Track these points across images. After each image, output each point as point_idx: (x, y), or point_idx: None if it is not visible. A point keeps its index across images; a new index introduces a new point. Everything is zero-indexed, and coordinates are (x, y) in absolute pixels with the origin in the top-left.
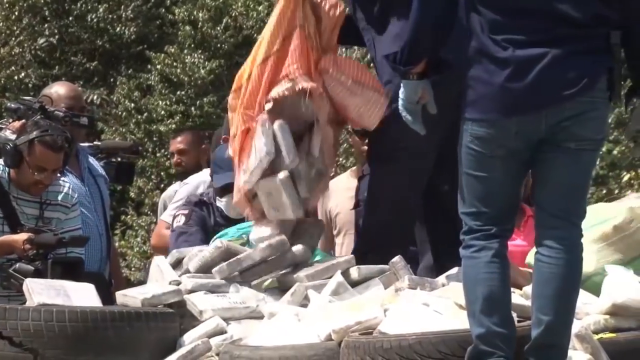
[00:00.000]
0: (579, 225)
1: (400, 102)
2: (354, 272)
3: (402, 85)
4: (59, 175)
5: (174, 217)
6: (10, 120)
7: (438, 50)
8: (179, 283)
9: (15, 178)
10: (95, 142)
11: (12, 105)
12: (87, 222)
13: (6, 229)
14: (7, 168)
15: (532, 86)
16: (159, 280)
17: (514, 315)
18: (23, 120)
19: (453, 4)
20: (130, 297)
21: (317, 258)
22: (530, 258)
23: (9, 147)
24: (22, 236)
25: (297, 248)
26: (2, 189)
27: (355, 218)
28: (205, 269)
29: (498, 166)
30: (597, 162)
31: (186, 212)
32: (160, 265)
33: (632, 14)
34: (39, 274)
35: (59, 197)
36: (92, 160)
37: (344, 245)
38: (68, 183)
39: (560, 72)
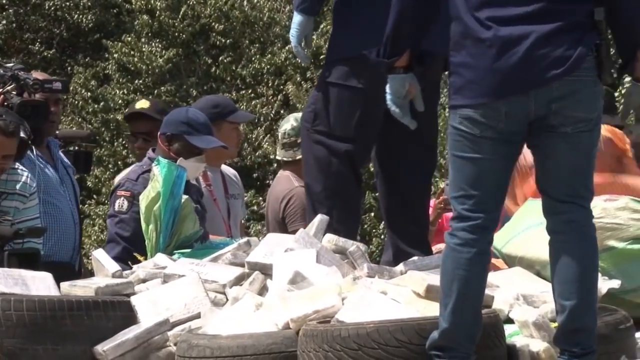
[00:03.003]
0: (587, 207)
1: (388, 97)
2: None
3: (389, 80)
4: (17, 165)
5: (116, 198)
6: None
7: (420, 41)
8: (121, 274)
9: None
10: None
11: (4, 72)
12: (63, 211)
13: None
14: None
15: (518, 66)
16: (101, 272)
17: None
18: None
19: None
20: (79, 288)
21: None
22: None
23: None
24: None
25: None
26: None
27: None
28: None
29: (487, 147)
30: None
31: (128, 194)
32: (99, 258)
33: None
34: None
35: (17, 186)
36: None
37: None
38: (26, 172)
39: (545, 51)
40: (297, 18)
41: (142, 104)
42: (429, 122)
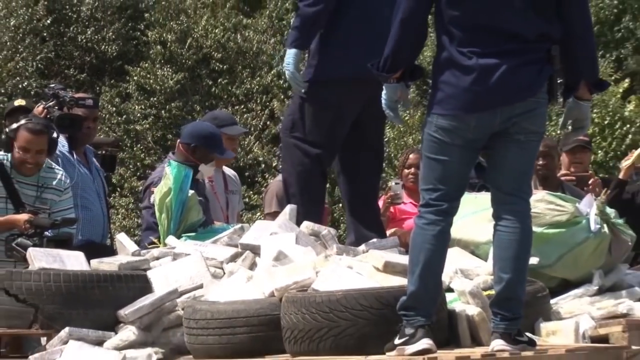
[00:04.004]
0: (528, 201)
1: (383, 101)
2: None
3: (385, 88)
4: (53, 164)
5: (150, 193)
6: (43, 102)
7: (414, 60)
8: (139, 253)
9: (15, 164)
10: None
11: (47, 91)
12: (95, 205)
13: (10, 206)
14: (8, 155)
15: (492, 89)
16: (123, 251)
17: None
18: (43, 105)
19: (426, 24)
20: (105, 264)
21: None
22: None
23: (4, 136)
24: (23, 216)
25: None
26: (5, 173)
27: None
28: None
29: (456, 153)
30: None
31: None
32: (122, 240)
33: (571, 30)
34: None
35: (54, 182)
36: None
37: None
38: (61, 171)
39: (514, 78)
40: (291, 52)
41: (20, 102)
42: (376, 134)
